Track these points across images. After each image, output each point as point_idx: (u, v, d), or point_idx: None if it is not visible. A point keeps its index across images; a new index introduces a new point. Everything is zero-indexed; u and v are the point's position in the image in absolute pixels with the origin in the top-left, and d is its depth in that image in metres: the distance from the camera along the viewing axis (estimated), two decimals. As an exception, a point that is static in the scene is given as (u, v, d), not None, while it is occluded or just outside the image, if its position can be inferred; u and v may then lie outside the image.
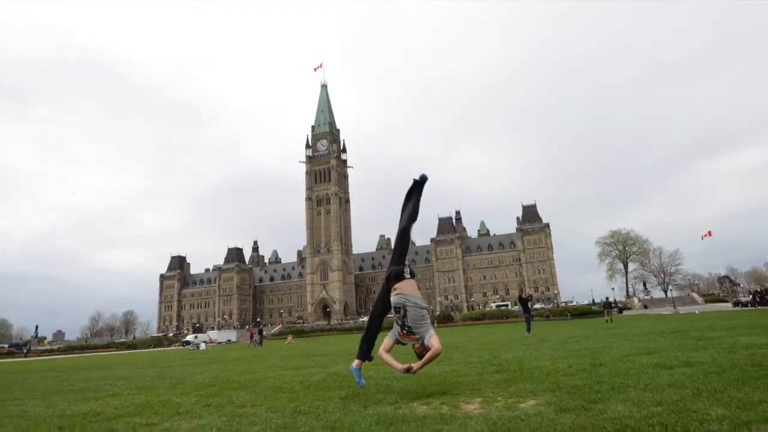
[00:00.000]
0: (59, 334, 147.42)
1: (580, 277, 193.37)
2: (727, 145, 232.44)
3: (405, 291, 5.11)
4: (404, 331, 5.03)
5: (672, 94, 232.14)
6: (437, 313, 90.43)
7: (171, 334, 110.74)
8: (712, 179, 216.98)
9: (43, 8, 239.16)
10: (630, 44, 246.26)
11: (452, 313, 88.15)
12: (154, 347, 77.66)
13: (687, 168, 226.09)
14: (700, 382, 4.75)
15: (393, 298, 5.13)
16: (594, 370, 6.31)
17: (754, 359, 6.13)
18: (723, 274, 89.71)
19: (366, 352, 5.59)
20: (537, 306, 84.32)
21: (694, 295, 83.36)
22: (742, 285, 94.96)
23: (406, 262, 5.39)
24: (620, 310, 65.29)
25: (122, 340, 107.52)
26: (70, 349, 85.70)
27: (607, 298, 44.45)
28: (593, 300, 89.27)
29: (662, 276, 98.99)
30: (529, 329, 20.98)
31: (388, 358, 5.16)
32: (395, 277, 5.21)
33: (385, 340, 5.21)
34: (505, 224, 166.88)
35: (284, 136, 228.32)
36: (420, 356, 5.04)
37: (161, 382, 9.57)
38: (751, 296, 51.03)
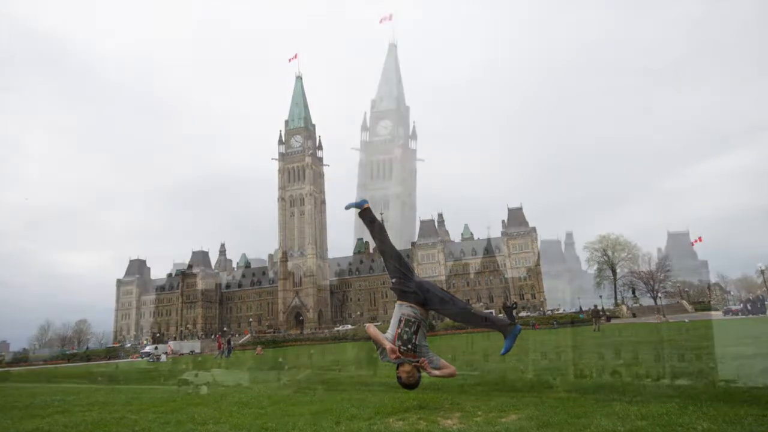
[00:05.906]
0: (3, 345, 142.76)
1: (566, 283, 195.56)
2: (713, 149, 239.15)
3: (418, 309, 5.04)
4: (407, 348, 4.81)
5: (659, 97, 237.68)
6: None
7: (128, 345, 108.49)
8: (698, 183, 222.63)
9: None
10: (616, 48, 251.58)
11: (433, 322, 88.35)
12: (109, 359, 76.02)
13: (672, 171, 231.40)
14: (686, 394, 4.87)
15: (407, 309, 5.00)
16: (578, 383, 6.42)
17: (742, 371, 6.31)
18: (713, 282, 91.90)
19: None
20: (522, 314, 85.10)
21: (684, 303, 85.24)
22: (732, 293, 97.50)
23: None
24: (608, 319, 66.37)
25: (74, 351, 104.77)
26: (15, 361, 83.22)
27: (595, 306, 45.22)
28: (580, 308, 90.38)
29: (651, 283, 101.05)
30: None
31: (375, 331, 5.06)
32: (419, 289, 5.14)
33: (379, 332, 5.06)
34: (490, 227, 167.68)
35: (255, 132, 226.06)
36: (405, 382, 4.80)
37: (116, 398, 9.36)
38: (741, 304, 52.43)
